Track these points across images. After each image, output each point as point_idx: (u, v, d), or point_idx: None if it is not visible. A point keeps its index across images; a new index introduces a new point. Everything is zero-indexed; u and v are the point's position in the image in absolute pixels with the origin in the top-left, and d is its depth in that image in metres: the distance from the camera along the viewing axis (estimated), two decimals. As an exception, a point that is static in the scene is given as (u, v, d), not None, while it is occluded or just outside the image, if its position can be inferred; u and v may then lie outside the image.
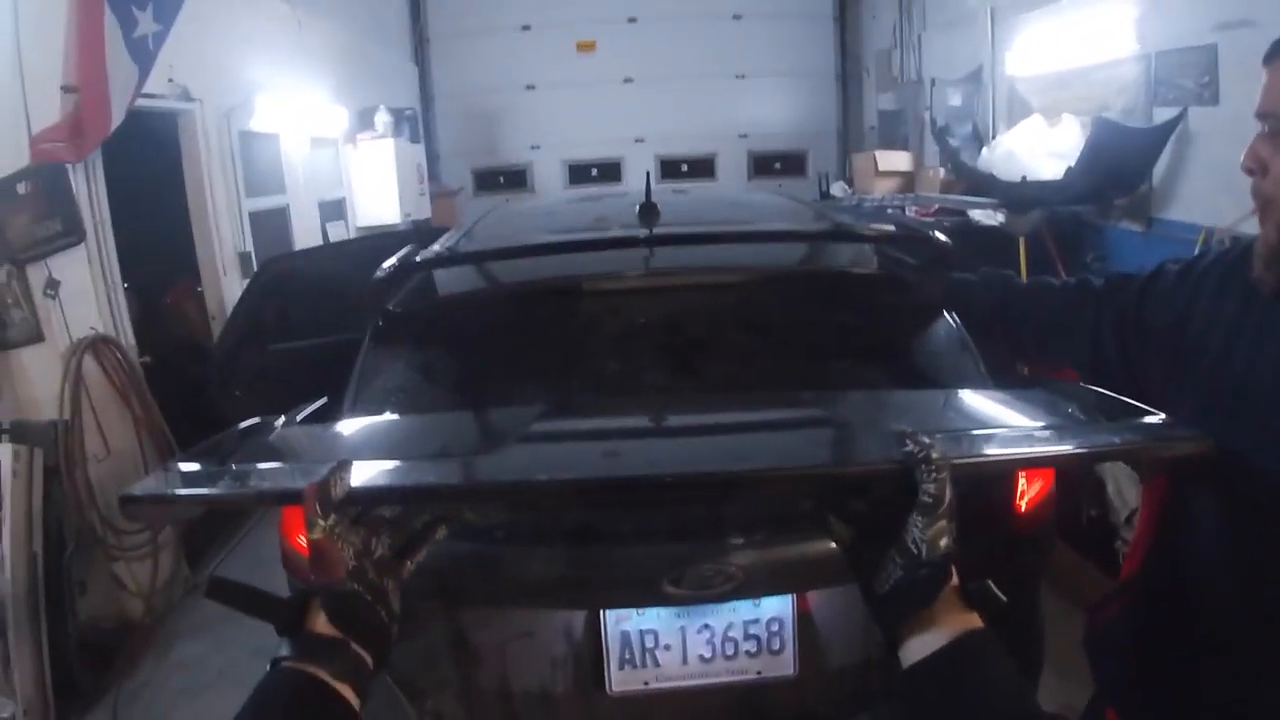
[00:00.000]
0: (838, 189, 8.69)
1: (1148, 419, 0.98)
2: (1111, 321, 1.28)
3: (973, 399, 1.29)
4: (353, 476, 0.83)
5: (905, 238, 2.06)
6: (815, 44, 10.65)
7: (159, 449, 3.76)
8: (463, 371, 1.90)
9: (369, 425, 1.43)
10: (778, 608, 1.61)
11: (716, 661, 1.62)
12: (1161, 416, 0.98)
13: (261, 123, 5.29)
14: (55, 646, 3.05)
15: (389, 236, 5.23)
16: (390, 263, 1.93)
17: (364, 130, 7.17)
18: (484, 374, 1.86)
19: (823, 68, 10.73)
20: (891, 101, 9.01)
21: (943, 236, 1.91)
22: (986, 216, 5.66)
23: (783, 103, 10.69)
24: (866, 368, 1.86)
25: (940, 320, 1.90)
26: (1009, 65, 6.52)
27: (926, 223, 6.12)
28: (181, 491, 0.93)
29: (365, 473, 0.85)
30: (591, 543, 1.62)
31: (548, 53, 10.26)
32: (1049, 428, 1.00)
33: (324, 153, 6.62)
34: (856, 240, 2.11)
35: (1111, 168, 4.72)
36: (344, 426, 1.32)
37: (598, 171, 10.64)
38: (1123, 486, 3.32)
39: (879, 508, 0.83)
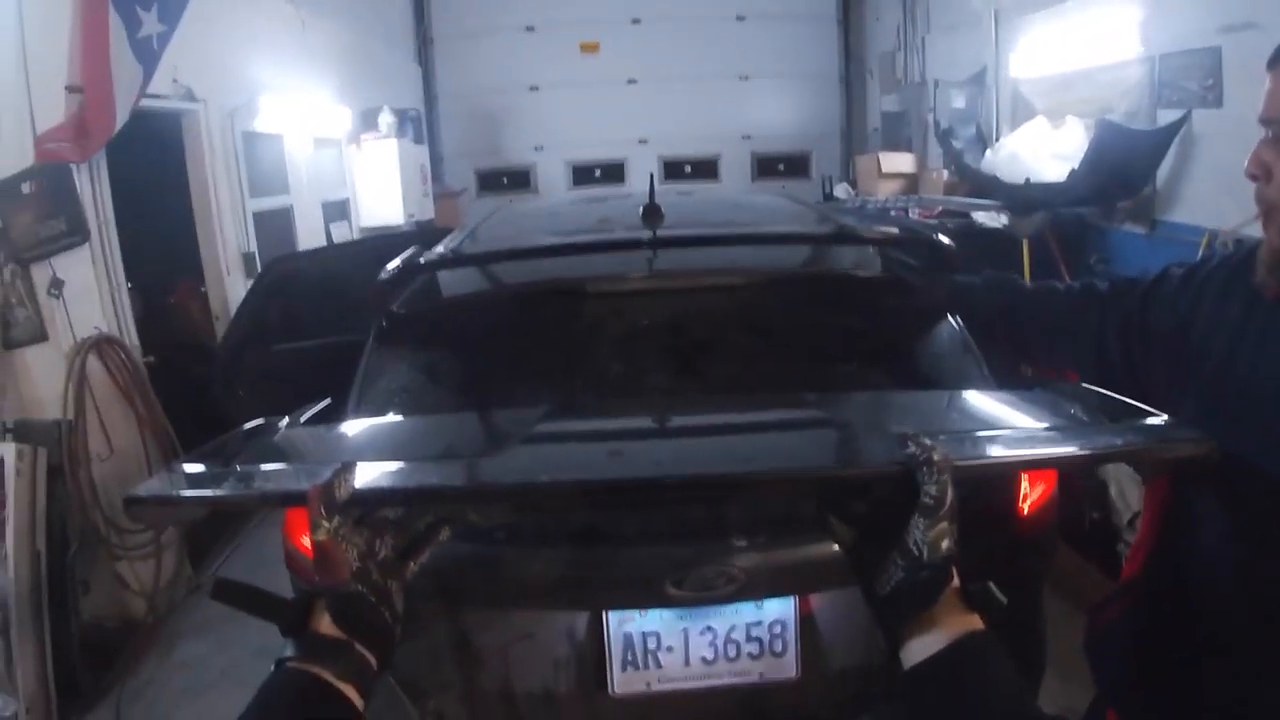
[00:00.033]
0: (841, 191, 8.69)
1: (1150, 420, 0.98)
2: (1116, 326, 1.28)
3: (974, 401, 1.29)
4: (357, 478, 0.83)
5: (908, 240, 2.06)
6: (819, 46, 10.63)
7: (162, 449, 3.77)
8: (466, 373, 1.91)
9: (373, 426, 1.43)
10: (780, 610, 1.61)
11: (719, 663, 1.62)
12: (1164, 418, 0.98)
13: (265, 123, 5.31)
14: (58, 645, 3.06)
15: (393, 237, 5.24)
16: (394, 264, 1.93)
17: (368, 131, 7.18)
18: (487, 376, 1.86)
19: (826, 69, 10.72)
20: (895, 103, 9.00)
21: (946, 239, 1.91)
22: (990, 219, 5.66)
23: (786, 104, 10.68)
24: (870, 370, 1.86)
25: (943, 323, 1.90)
26: (1013, 67, 6.52)
27: (930, 225, 6.11)
28: (186, 493, 0.93)
29: (369, 474, 0.85)
30: (594, 544, 1.62)
31: (551, 54, 10.25)
32: (1050, 429, 1.00)
33: (328, 153, 6.63)
34: (860, 243, 2.11)
35: (1115, 170, 4.72)
36: (348, 428, 1.32)
37: (601, 173, 10.63)
38: (1125, 489, 3.32)
39: (881, 509, 0.83)
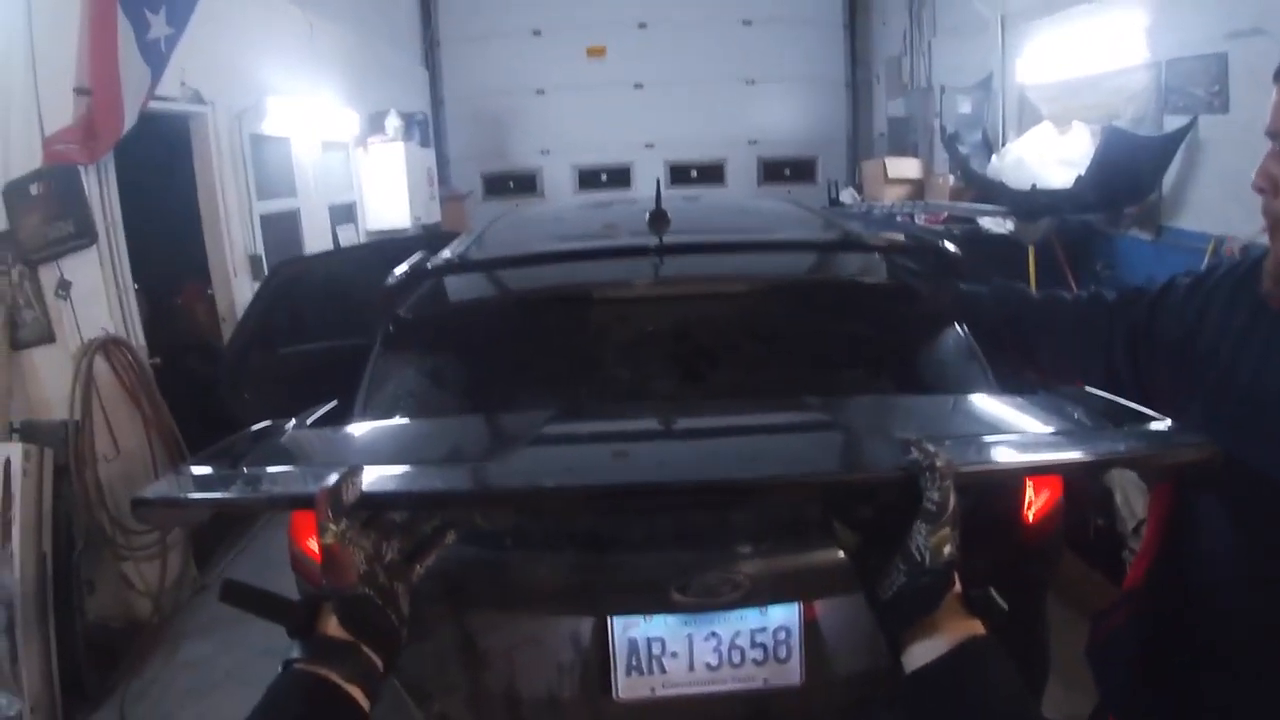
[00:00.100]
0: (847, 196, 8.68)
1: (1154, 425, 0.98)
2: (1123, 335, 1.28)
3: (978, 406, 1.29)
4: (364, 481, 0.83)
5: (914, 247, 2.06)
6: (825, 50, 10.62)
7: (169, 450, 3.78)
8: (473, 377, 1.91)
9: (379, 429, 1.43)
10: (784, 616, 1.61)
11: (723, 669, 1.61)
12: (1168, 422, 0.97)
13: (273, 126, 5.33)
14: (63, 645, 3.06)
15: (399, 241, 5.24)
16: (402, 269, 1.94)
17: (375, 134, 7.21)
18: (494, 380, 1.86)
19: (832, 74, 10.71)
20: (901, 108, 8.99)
21: (952, 246, 1.91)
22: (996, 224, 5.65)
23: (792, 109, 10.68)
24: (875, 377, 1.86)
25: (949, 330, 1.90)
26: (1019, 73, 6.51)
27: (936, 231, 6.11)
28: (193, 495, 0.93)
29: (376, 478, 0.85)
30: (599, 549, 1.62)
31: (558, 57, 10.27)
32: (1054, 434, 1.00)
33: (335, 156, 6.65)
34: (866, 250, 2.11)
35: (1121, 176, 4.71)
36: (355, 430, 1.33)
37: (607, 177, 10.64)
38: (1130, 496, 3.31)
39: (885, 514, 0.84)
